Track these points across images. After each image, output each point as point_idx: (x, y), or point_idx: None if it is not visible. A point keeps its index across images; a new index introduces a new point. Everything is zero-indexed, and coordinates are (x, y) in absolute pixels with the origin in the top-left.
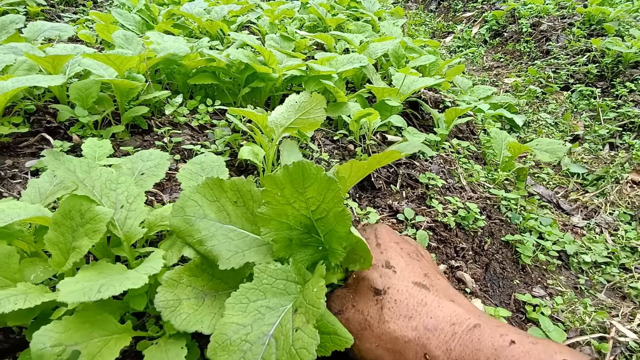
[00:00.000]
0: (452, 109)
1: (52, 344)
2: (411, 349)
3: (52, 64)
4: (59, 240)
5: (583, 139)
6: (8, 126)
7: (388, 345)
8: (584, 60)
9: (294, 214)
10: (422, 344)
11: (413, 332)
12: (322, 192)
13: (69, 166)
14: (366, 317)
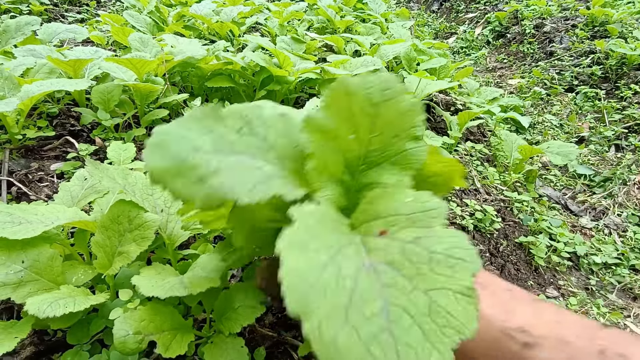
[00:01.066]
0: (465, 112)
1: (134, 331)
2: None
3: (74, 67)
4: (105, 244)
5: (588, 140)
6: (34, 129)
7: None
8: (588, 61)
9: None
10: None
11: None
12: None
13: (109, 174)
14: None
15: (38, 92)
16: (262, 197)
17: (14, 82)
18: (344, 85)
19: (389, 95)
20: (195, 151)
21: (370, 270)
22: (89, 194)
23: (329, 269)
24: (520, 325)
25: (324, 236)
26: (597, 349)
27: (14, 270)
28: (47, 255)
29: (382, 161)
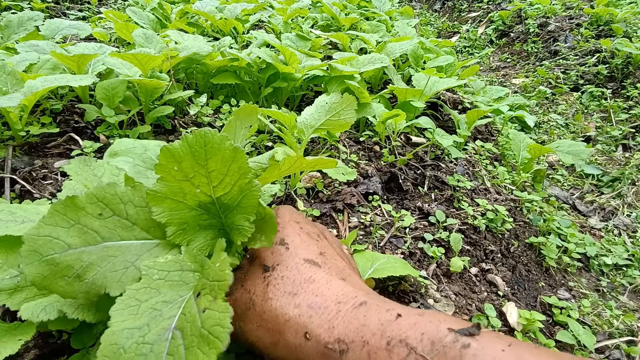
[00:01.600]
0: (474, 110)
1: None
2: (291, 328)
3: (77, 63)
4: None
5: (595, 140)
6: (37, 126)
7: (268, 325)
8: (594, 60)
9: (192, 192)
10: (302, 323)
11: (295, 309)
12: (226, 163)
13: (96, 172)
14: (252, 295)
15: (42, 87)
16: (132, 281)
17: (17, 78)
18: (171, 153)
19: (210, 151)
20: (65, 249)
21: (172, 333)
22: None
23: (136, 336)
24: (337, 338)
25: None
26: (386, 341)
27: (10, 275)
28: None
29: (233, 205)
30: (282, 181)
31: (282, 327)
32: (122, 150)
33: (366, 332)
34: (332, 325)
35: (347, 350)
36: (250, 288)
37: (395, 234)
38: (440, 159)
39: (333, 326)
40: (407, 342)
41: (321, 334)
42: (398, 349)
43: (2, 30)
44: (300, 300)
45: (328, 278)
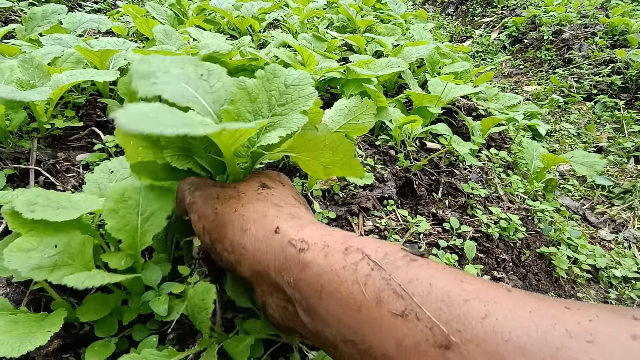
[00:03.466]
0: (489, 118)
1: None
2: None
3: (100, 57)
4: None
5: (607, 151)
6: (62, 119)
7: (247, 213)
8: (608, 70)
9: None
10: (277, 222)
11: (276, 211)
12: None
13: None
14: (239, 193)
15: (68, 82)
16: (179, 102)
17: (44, 71)
18: (274, 70)
19: (297, 82)
20: (164, 72)
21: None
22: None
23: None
24: (301, 238)
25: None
26: (344, 247)
27: (48, 255)
28: (78, 240)
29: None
30: (299, 182)
31: (258, 218)
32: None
33: (329, 239)
34: (302, 229)
35: (307, 249)
36: (241, 189)
37: (410, 239)
38: (454, 166)
39: (302, 229)
40: (363, 250)
41: (289, 231)
42: (353, 254)
43: (26, 22)
44: (282, 209)
45: (310, 215)
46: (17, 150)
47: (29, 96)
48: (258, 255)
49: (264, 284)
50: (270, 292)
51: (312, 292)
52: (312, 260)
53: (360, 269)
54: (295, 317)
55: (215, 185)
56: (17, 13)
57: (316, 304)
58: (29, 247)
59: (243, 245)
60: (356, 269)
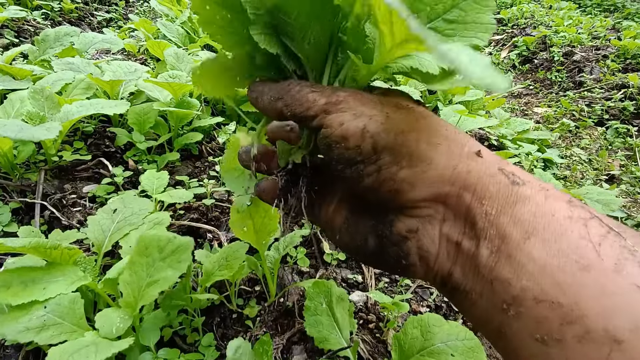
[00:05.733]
0: (502, 152)
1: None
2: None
3: (111, 85)
4: (132, 280)
5: (619, 179)
6: (70, 150)
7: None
8: (620, 95)
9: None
10: (478, 146)
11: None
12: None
13: None
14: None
15: (78, 114)
16: None
17: (54, 101)
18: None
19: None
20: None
21: None
22: (122, 226)
23: None
24: (512, 171)
25: None
26: (567, 198)
27: (37, 316)
28: (68, 298)
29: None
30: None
31: (450, 135)
32: None
33: (543, 183)
34: (507, 163)
35: (523, 184)
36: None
37: (421, 284)
38: None
39: (507, 164)
40: (589, 210)
41: (494, 159)
42: (579, 208)
43: (39, 43)
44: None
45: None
46: (24, 182)
47: (38, 135)
48: (452, 174)
49: (439, 210)
50: (444, 220)
51: (518, 231)
52: (528, 196)
53: (591, 227)
54: (466, 257)
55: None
56: (30, 23)
57: (518, 246)
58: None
59: (429, 159)
60: (586, 224)
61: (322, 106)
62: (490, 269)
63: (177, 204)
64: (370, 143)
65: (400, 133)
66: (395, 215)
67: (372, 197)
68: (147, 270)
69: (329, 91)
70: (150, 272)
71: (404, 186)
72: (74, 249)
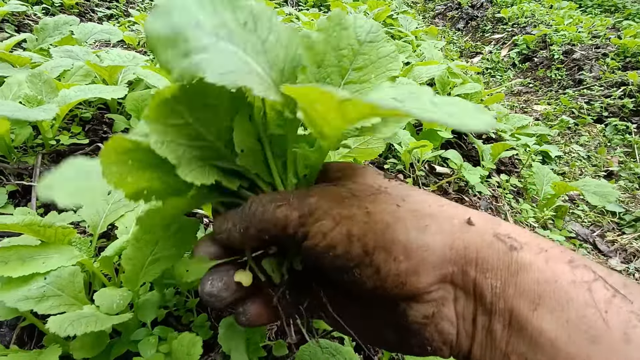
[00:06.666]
0: (500, 143)
1: None
2: (450, 214)
3: (110, 72)
4: (135, 256)
5: (618, 175)
6: (67, 135)
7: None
8: (619, 93)
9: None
10: (465, 213)
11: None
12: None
13: None
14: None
15: (75, 98)
16: (230, 85)
17: (52, 86)
18: (340, 16)
19: (372, 38)
20: (195, 27)
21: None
22: (117, 208)
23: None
24: (506, 233)
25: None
26: (568, 258)
27: (37, 286)
28: (68, 271)
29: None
30: None
31: (434, 211)
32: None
33: (541, 241)
34: (498, 223)
35: (520, 248)
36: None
37: None
38: (463, 192)
39: (499, 224)
40: (591, 268)
41: (487, 224)
42: (581, 269)
43: (38, 32)
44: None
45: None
46: (21, 166)
47: (35, 115)
48: (451, 253)
49: (448, 290)
50: (456, 299)
51: (524, 301)
52: (529, 262)
53: (595, 291)
54: (482, 333)
55: (318, 188)
56: (31, 17)
57: (527, 318)
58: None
59: (425, 245)
60: (590, 289)
61: (297, 220)
62: (506, 343)
63: None
64: (360, 246)
65: (387, 228)
66: (407, 304)
67: (379, 294)
68: (151, 247)
69: (296, 200)
70: (154, 250)
71: (409, 277)
72: (69, 228)
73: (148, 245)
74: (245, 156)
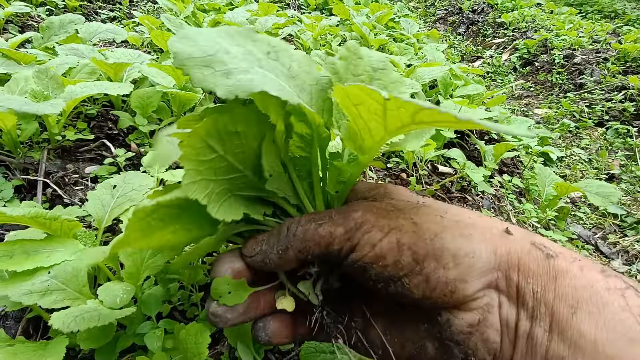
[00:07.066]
0: (502, 143)
1: None
2: (489, 224)
3: (115, 70)
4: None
5: (619, 178)
6: (73, 130)
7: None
8: (620, 97)
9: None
10: (503, 225)
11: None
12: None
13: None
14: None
15: (81, 94)
16: (288, 100)
17: (58, 82)
18: (355, 47)
19: (383, 66)
20: (226, 53)
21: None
22: (122, 202)
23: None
24: (542, 243)
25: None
26: (600, 268)
27: (41, 280)
28: (72, 265)
29: None
30: None
31: (475, 221)
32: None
33: (573, 253)
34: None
35: (557, 257)
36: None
37: None
38: (466, 191)
39: (533, 235)
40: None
41: (523, 234)
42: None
43: (44, 31)
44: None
45: None
46: (27, 160)
47: (42, 109)
48: (496, 259)
49: (493, 297)
50: (500, 305)
51: (563, 306)
52: (566, 269)
53: (629, 298)
54: (523, 339)
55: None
56: (35, 19)
57: (567, 323)
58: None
59: (472, 252)
60: (624, 295)
61: (343, 236)
62: (546, 349)
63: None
64: (410, 255)
65: (435, 236)
66: (451, 313)
67: (425, 304)
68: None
69: (340, 217)
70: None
71: (458, 285)
72: (74, 221)
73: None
74: (273, 180)
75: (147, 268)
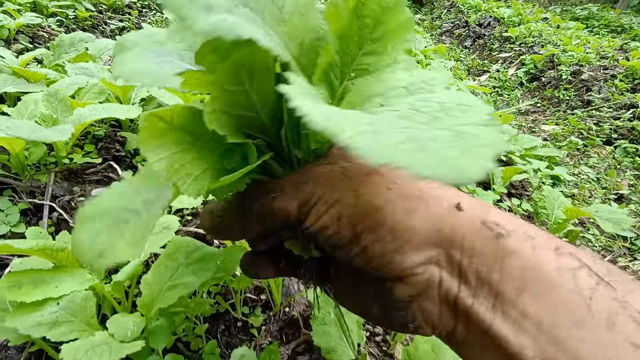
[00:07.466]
0: (511, 168)
1: None
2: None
3: (123, 90)
4: (154, 281)
5: (628, 199)
6: (80, 153)
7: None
8: (629, 115)
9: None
10: (458, 197)
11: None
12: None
13: None
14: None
15: (90, 117)
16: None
17: (67, 105)
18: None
19: (392, 4)
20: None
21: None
22: None
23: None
24: (494, 221)
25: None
26: (554, 245)
27: (49, 312)
28: (81, 296)
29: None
30: None
31: (423, 194)
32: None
33: (527, 229)
34: (487, 210)
35: (507, 236)
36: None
37: None
38: None
39: (488, 211)
40: (577, 255)
41: (475, 210)
42: (567, 257)
43: (54, 48)
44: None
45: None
46: (34, 184)
47: (51, 136)
48: (438, 236)
49: (434, 272)
50: (441, 280)
51: (509, 287)
52: (515, 249)
53: (580, 278)
54: (465, 314)
55: (312, 172)
56: (46, 29)
57: (511, 303)
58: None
59: (412, 227)
60: (575, 275)
61: (296, 210)
62: (489, 325)
63: (184, 209)
64: (349, 228)
65: (374, 210)
66: (393, 282)
67: (368, 271)
68: (171, 273)
69: (292, 190)
70: (173, 276)
71: (395, 258)
72: None
73: (168, 271)
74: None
75: (161, 300)
